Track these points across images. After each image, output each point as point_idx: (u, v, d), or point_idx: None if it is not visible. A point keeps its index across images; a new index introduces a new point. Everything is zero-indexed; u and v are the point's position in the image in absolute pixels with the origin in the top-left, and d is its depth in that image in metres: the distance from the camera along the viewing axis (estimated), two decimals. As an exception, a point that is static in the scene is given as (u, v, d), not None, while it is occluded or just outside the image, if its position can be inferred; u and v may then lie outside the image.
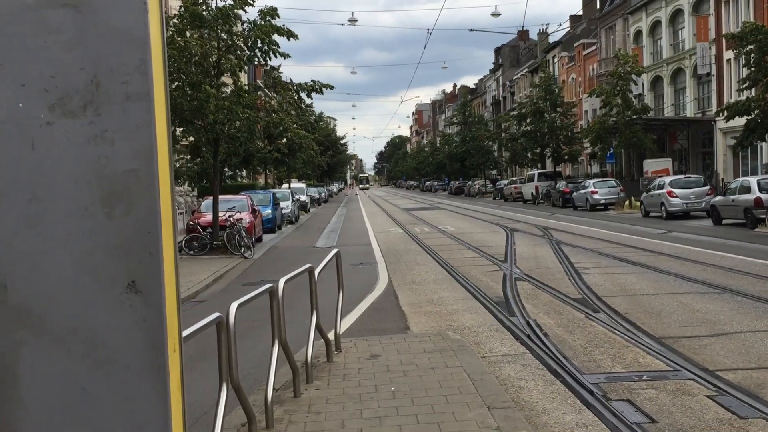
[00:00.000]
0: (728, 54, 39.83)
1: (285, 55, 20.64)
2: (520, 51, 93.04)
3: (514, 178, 65.04)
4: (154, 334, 2.15)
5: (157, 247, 2.16)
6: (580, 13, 71.85)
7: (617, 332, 9.15)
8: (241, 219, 22.35)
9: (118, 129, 2.18)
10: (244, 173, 49.30)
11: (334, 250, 8.67)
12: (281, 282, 6.40)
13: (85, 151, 2.17)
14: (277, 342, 6.08)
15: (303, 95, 22.88)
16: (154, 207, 2.17)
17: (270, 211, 30.03)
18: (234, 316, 4.91)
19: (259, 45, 20.22)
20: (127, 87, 2.17)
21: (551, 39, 75.36)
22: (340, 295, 8.48)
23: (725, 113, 29.53)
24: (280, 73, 24.61)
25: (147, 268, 2.16)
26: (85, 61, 2.16)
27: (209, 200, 23.63)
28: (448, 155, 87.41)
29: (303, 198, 47.44)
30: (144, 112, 2.18)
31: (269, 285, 6.04)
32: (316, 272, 7.56)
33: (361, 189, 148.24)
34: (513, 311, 10.82)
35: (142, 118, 2.18)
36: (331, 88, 22.64)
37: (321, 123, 68.35)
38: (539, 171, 55.99)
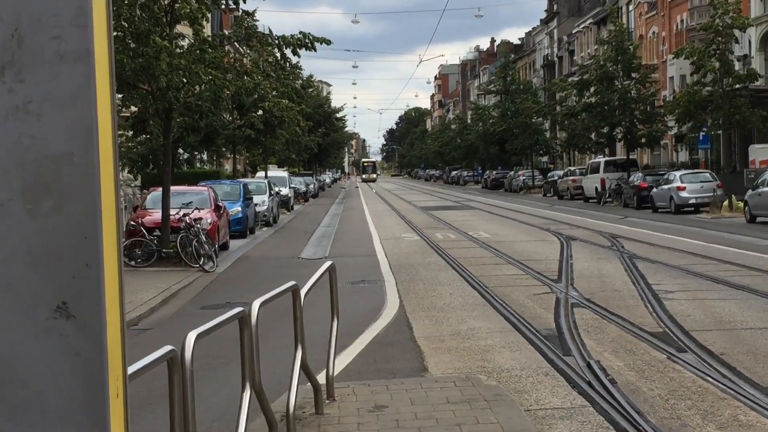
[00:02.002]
0: None
1: (263, -3, 20.74)
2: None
3: (571, 168, 65.05)
4: (90, 372, 2.18)
5: (96, 258, 2.20)
6: (666, -57, 71.88)
7: (710, 379, 9.17)
8: (201, 219, 22.42)
9: (47, 99, 2.21)
10: (205, 156, 49.45)
11: (327, 263, 8.71)
12: (255, 305, 6.44)
13: (1, 129, 2.21)
14: (248, 386, 6.11)
15: (287, 52, 22.90)
16: (93, 204, 2.20)
17: (239, 209, 30.11)
18: (192, 350, 4.95)
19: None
20: (60, 43, 2.20)
21: (625, -21, 75.37)
22: (335, 324, 8.52)
23: None
24: (256, 21, 24.56)
25: (82, 285, 2.20)
26: (1, 7, 2.20)
27: (157, 193, 23.69)
28: (483, 135, 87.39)
29: (284, 191, 47.51)
30: (81, 76, 2.21)
31: (239, 309, 6.08)
32: (303, 292, 7.59)
33: (364, 180, 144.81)
34: (568, 349, 10.84)
35: (78, 84, 2.21)
36: (328, 43, 22.63)
37: (310, 89, 68.49)
38: (606, 159, 55.97)
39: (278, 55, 23.41)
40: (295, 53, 22.81)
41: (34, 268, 2.20)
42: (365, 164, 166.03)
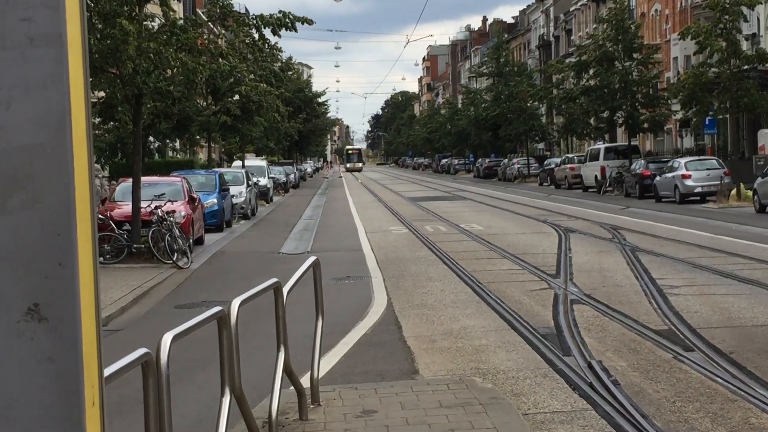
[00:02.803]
0: None
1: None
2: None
3: (569, 155, 65.16)
4: (65, 379, 2.18)
5: (70, 256, 2.19)
6: None
7: (719, 380, 9.21)
8: (174, 212, 22.38)
9: (16, 86, 2.20)
10: (177, 145, 49.33)
11: (310, 259, 8.71)
12: (234, 304, 6.44)
13: (-34, 118, 2.20)
14: (228, 391, 6.12)
15: (266, 32, 22.86)
16: (67, 198, 2.19)
17: (215, 201, 30.08)
18: (168, 352, 4.95)
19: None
20: (30, 26, 2.19)
21: (626, -47, 75.50)
22: (319, 323, 8.52)
23: None
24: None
25: (55, 285, 2.19)
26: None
27: (127, 184, 23.64)
28: (475, 121, 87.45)
29: (263, 181, 47.49)
30: (53, 61, 2.20)
31: (217, 309, 6.08)
32: (285, 290, 7.60)
33: (348, 170, 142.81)
34: (568, 348, 10.87)
35: (50, 70, 2.20)
36: (309, 22, 22.61)
37: (290, 72, 68.47)
38: (607, 145, 56.06)
39: (256, 35, 23.36)
40: (275, 33, 22.76)
41: (3, 268, 2.19)
42: (349, 152, 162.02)
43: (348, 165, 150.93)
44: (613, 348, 10.86)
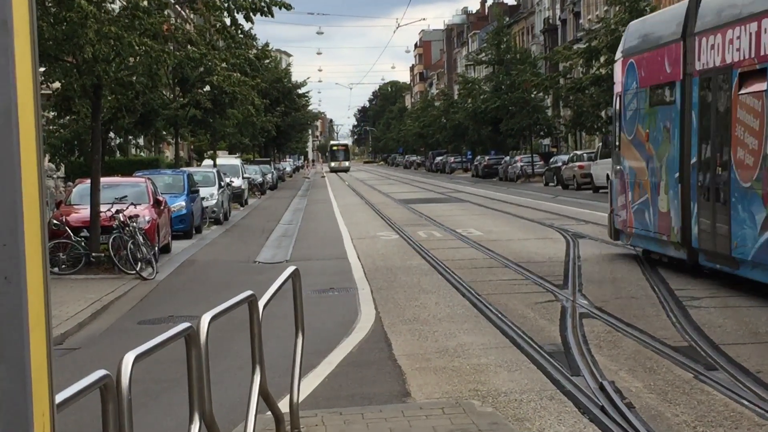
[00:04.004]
0: None
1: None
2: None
3: (578, 152, 65.30)
4: (11, 406, 2.16)
5: (16, 269, 2.18)
6: None
7: (745, 402, 9.22)
8: (137, 216, 22.35)
9: (-45, 77, 2.20)
10: (141, 141, 49.29)
11: (289, 268, 8.70)
12: (204, 319, 6.42)
13: None
14: (197, 416, 6.10)
15: (239, 17, 22.87)
16: (13, 202, 2.18)
17: (183, 203, 30.04)
18: (130, 374, 4.93)
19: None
20: (-29, 10, 2.19)
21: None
22: (299, 340, 8.51)
23: None
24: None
25: (0, 302, 2.18)
26: None
27: (85, 185, 23.59)
28: (473, 114, 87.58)
29: (237, 182, 47.48)
30: (-3, 50, 2.20)
31: (185, 325, 6.07)
32: (261, 304, 7.58)
33: (333, 170, 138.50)
34: (577, 368, 10.87)
35: (-7, 59, 2.20)
36: (288, 7, 22.62)
37: (267, 61, 68.35)
38: (619, 140, 56.08)
39: (228, 21, 23.36)
40: (248, 19, 22.75)
41: (-60, 283, 2.18)
42: (334, 148, 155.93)
43: (333, 164, 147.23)
44: (627, 367, 10.87)
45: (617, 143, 21.71)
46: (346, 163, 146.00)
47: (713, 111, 16.82)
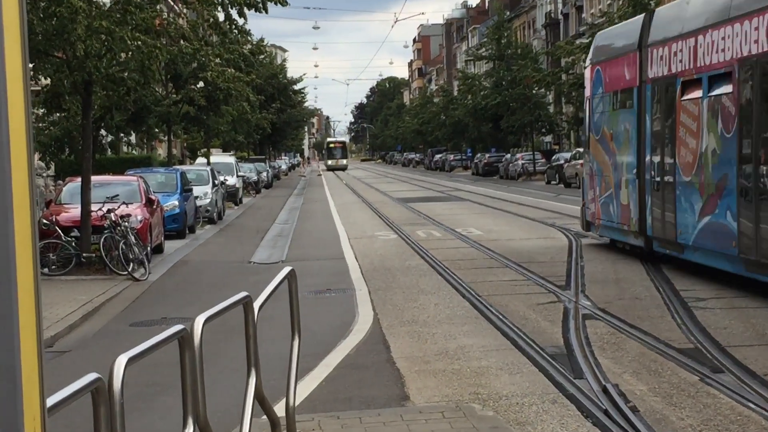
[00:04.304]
0: None
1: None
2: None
3: (580, 150, 65.28)
4: (1, 408, 2.16)
5: (6, 269, 2.17)
6: None
7: (752, 405, 9.22)
8: (129, 216, 22.34)
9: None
10: (133, 139, 49.27)
11: (285, 269, 8.69)
12: (198, 321, 6.42)
13: None
14: (191, 421, 6.09)
15: (233, 12, 22.85)
16: (2, 201, 2.17)
17: (176, 203, 30.03)
18: (122, 377, 4.92)
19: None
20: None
21: None
22: (296, 343, 8.50)
23: None
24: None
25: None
26: None
27: (75, 184, 23.58)
28: (473, 110, 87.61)
29: (231, 180, 47.48)
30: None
31: (178, 327, 6.06)
32: (256, 305, 7.57)
33: (330, 168, 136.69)
34: (580, 370, 10.87)
35: (-18, 54, 2.19)
36: (284, 4, 22.63)
37: (262, 57, 68.32)
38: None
39: (221, 16, 23.37)
40: (241, 14, 22.76)
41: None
42: (331, 146, 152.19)
43: (329, 162, 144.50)
44: (631, 369, 10.87)
45: (588, 143, 24.58)
46: (344, 161, 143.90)
47: (662, 114, 19.37)
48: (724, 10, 16.65)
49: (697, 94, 17.48)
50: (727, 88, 16.42)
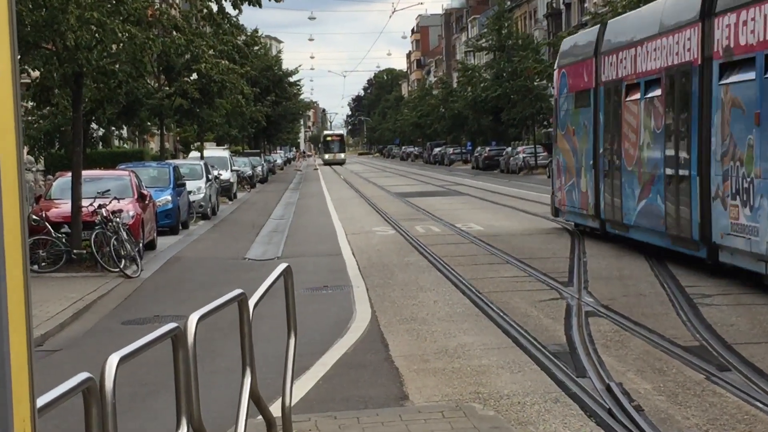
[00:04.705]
0: None
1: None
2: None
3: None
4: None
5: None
6: None
7: (759, 404, 9.23)
8: (121, 211, 22.33)
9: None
10: (125, 133, 49.26)
11: (281, 266, 8.69)
12: (192, 319, 6.41)
13: None
14: (184, 421, 6.09)
15: (226, 5, 22.85)
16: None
17: (169, 198, 30.02)
18: (114, 377, 4.92)
19: None
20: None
21: None
22: (292, 341, 8.50)
23: None
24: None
25: (-22, 300, 2.18)
26: None
27: (66, 179, 23.56)
28: (473, 103, 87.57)
29: (225, 175, 47.45)
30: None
31: (172, 325, 6.06)
32: (251, 303, 7.58)
33: (326, 162, 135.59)
34: (583, 369, 10.88)
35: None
36: (279, -1, 22.68)
37: (257, 48, 68.32)
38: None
39: (215, 8, 23.36)
40: (235, 6, 22.75)
41: None
42: (328, 139, 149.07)
43: (326, 156, 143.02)
44: (635, 368, 10.88)
45: (556, 138, 28.45)
46: (342, 155, 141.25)
47: (612, 113, 23.03)
48: (655, 25, 20.29)
49: (637, 96, 21.13)
50: (657, 92, 19.95)
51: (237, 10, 23.51)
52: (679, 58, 18.75)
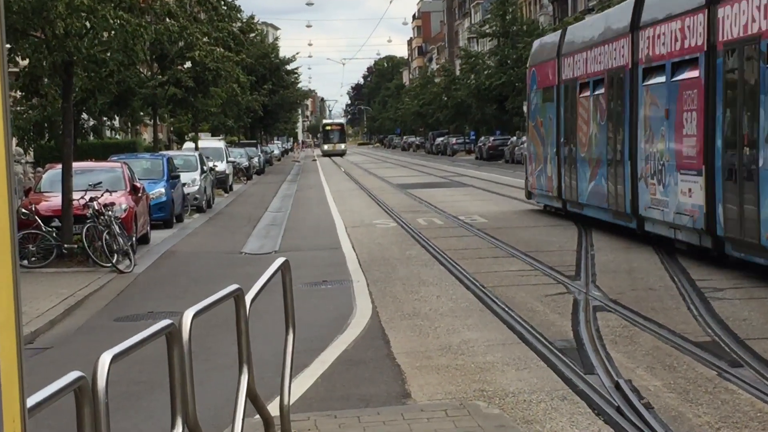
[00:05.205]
0: None
1: None
2: None
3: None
4: (-21, 410, 2.17)
5: (-17, 261, 2.18)
6: None
7: (772, 401, 9.24)
8: (113, 204, 22.34)
9: None
10: (117, 123, 49.26)
11: (279, 260, 8.70)
12: (187, 316, 6.42)
13: None
14: (179, 421, 6.10)
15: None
16: (-21, 190, 2.18)
17: (163, 190, 30.03)
18: (106, 375, 4.93)
19: None
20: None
21: None
22: (290, 338, 8.51)
23: None
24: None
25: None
26: None
27: (56, 171, 23.57)
28: (476, 91, 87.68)
29: (221, 166, 47.46)
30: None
31: (166, 322, 6.06)
32: (248, 298, 7.58)
33: (326, 153, 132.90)
34: (591, 365, 10.88)
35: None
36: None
37: (253, 35, 68.33)
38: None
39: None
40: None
41: None
42: (328, 128, 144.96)
43: (326, 146, 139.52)
44: (644, 364, 10.88)
45: (528, 129, 33.20)
46: (342, 146, 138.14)
47: (570, 107, 27.37)
48: (600, 33, 24.88)
49: (587, 93, 25.60)
50: (601, 90, 24.42)
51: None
52: (616, 62, 23.31)
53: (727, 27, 17.43)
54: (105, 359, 5.03)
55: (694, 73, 18.70)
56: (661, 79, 20.28)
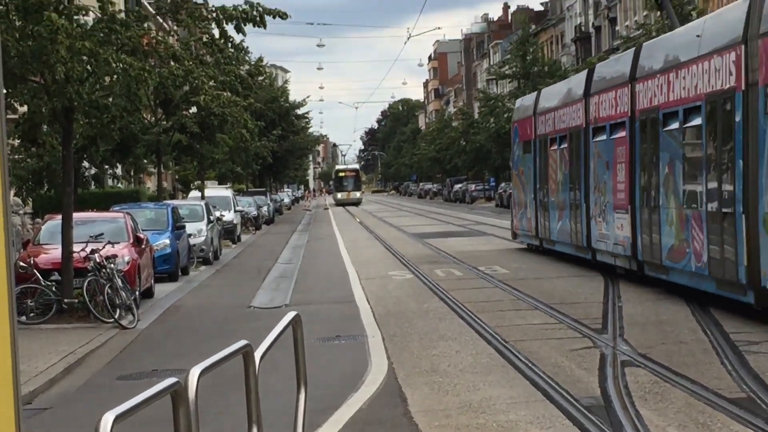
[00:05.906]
0: None
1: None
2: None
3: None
4: (-25, 474, 2.17)
5: (-21, 317, 2.18)
6: None
7: (812, 461, 9.19)
8: (115, 257, 22.37)
9: None
10: (119, 171, 49.44)
11: (290, 314, 8.71)
12: (193, 374, 6.42)
13: None
14: (186, 485, 6.08)
15: (228, 28, 22.95)
16: (-25, 243, 2.19)
17: (167, 242, 30.08)
18: (109, 439, 4.92)
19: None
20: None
21: None
22: (302, 396, 8.51)
23: None
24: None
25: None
26: None
27: (56, 222, 23.61)
28: (496, 135, 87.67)
29: (228, 216, 47.54)
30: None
31: (171, 380, 6.06)
32: (258, 355, 7.58)
33: (339, 202, 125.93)
34: (620, 424, 10.84)
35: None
36: (283, 17, 22.77)
37: (261, 78, 68.58)
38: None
39: (216, 32, 23.45)
40: (239, 30, 22.83)
41: None
42: (341, 175, 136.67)
43: (339, 195, 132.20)
44: (676, 422, 10.84)
45: (512, 177, 40.90)
46: (357, 194, 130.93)
47: (543, 159, 33.47)
48: (564, 97, 31.15)
49: (555, 147, 31.47)
50: (565, 144, 30.29)
51: (241, 34, 23.54)
52: (575, 121, 29.21)
53: (641, 99, 23.33)
54: (107, 420, 5.03)
55: (623, 133, 24.62)
56: (604, 137, 26.25)
